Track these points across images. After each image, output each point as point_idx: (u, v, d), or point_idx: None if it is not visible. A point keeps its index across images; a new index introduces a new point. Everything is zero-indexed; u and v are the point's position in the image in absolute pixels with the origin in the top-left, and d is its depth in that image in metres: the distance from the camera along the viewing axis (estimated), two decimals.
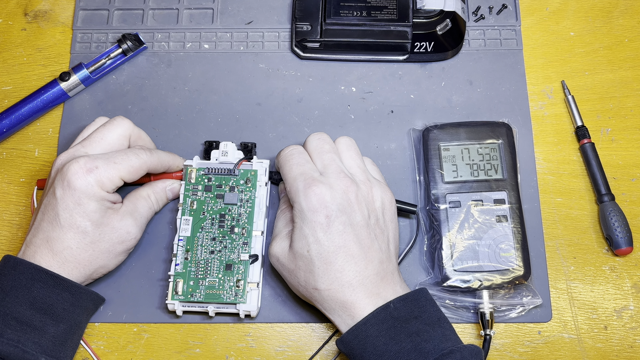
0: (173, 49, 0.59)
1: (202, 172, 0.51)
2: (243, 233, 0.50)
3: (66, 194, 0.45)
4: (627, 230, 0.51)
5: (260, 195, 0.51)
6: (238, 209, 0.50)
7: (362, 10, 0.56)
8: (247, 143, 0.54)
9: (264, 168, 0.52)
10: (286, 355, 0.50)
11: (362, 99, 0.57)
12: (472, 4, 0.60)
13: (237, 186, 0.51)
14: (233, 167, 0.51)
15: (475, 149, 0.52)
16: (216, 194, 0.51)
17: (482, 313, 0.49)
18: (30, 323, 0.43)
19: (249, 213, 0.50)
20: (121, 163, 0.47)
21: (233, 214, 0.50)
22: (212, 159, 0.52)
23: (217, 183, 0.51)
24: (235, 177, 0.51)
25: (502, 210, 0.50)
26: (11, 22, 0.61)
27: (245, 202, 0.50)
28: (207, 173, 0.51)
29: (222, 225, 0.50)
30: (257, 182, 0.51)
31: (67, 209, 0.45)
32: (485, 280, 0.49)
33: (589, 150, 0.54)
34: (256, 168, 0.51)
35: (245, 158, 0.52)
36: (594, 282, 0.52)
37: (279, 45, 0.59)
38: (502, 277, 0.49)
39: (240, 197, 0.51)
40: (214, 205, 0.50)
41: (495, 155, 0.52)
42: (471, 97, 0.57)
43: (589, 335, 0.51)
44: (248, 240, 0.49)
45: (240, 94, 0.57)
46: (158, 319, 0.51)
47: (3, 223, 0.54)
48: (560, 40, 0.59)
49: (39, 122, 0.57)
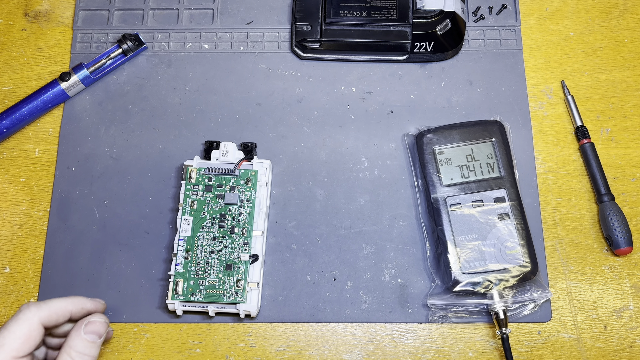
0: (173, 49, 0.59)
1: (202, 172, 0.51)
2: (243, 233, 0.50)
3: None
4: (626, 230, 0.51)
5: (261, 195, 0.51)
6: (238, 209, 0.50)
7: (362, 11, 0.56)
8: (248, 143, 0.54)
9: (264, 168, 0.52)
10: (286, 355, 0.50)
11: (362, 99, 0.57)
12: (472, 4, 0.60)
13: (237, 186, 0.51)
14: (233, 167, 0.51)
15: (470, 149, 0.52)
16: (216, 194, 0.51)
17: (495, 312, 0.49)
18: None
19: (249, 213, 0.50)
20: (5, 342, 0.40)
21: (233, 213, 0.50)
22: (212, 159, 0.52)
23: (218, 183, 0.51)
24: (235, 177, 0.51)
25: (503, 208, 0.50)
26: (11, 22, 0.61)
27: (246, 202, 0.50)
28: (208, 173, 0.51)
29: (223, 225, 0.50)
30: (258, 182, 0.51)
31: None
32: (495, 280, 0.49)
33: (589, 150, 0.54)
34: (257, 168, 0.52)
35: (245, 158, 0.52)
36: (593, 282, 0.52)
37: (279, 45, 0.59)
38: (511, 275, 0.49)
39: (240, 197, 0.51)
40: (214, 205, 0.50)
41: (490, 154, 0.52)
42: (471, 97, 0.57)
43: (589, 335, 0.51)
44: (248, 240, 0.49)
45: (240, 94, 0.57)
46: (158, 319, 0.51)
47: (3, 223, 0.54)
48: (560, 40, 0.59)
49: (39, 122, 0.57)
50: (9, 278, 0.52)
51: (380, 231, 0.53)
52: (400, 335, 0.51)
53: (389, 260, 0.52)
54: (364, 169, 0.55)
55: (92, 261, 0.52)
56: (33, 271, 0.52)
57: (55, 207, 0.54)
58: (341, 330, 0.51)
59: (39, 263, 0.53)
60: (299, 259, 0.52)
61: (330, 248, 0.52)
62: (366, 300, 0.51)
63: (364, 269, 0.52)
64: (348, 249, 0.52)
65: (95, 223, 0.53)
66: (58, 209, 0.54)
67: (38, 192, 0.55)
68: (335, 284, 0.52)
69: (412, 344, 0.50)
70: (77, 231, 0.53)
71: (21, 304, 0.51)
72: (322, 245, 0.53)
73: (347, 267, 0.52)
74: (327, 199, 0.54)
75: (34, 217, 0.54)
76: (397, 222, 0.53)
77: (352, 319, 0.51)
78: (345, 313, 0.51)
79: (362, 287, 0.51)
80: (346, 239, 0.53)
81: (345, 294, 0.51)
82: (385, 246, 0.52)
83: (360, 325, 0.51)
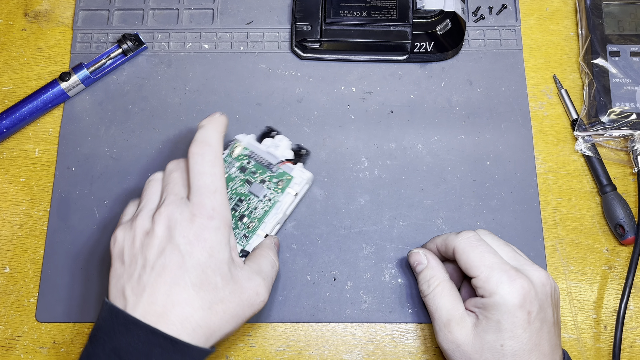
0: (173, 49, 0.59)
1: (246, 152, 0.51)
2: (249, 226, 0.49)
3: (196, 248, 0.40)
4: (631, 219, 0.51)
5: (284, 202, 0.50)
6: (257, 202, 0.50)
7: (362, 11, 0.56)
8: (303, 148, 0.53)
9: (302, 179, 0.50)
10: (286, 355, 0.50)
11: (362, 99, 0.57)
12: (472, 4, 0.60)
13: (268, 182, 0.50)
14: (274, 163, 0.51)
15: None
16: (247, 178, 0.50)
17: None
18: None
19: (264, 212, 0.50)
20: (216, 185, 0.42)
21: (250, 204, 0.50)
22: (262, 145, 0.52)
23: (253, 169, 0.51)
24: (271, 173, 0.51)
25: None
26: (11, 22, 0.61)
27: (267, 200, 0.50)
28: (250, 155, 0.51)
29: (235, 209, 0.49)
30: (288, 188, 0.50)
31: (199, 264, 0.39)
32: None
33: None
34: (295, 175, 0.51)
35: (290, 160, 0.51)
36: (593, 282, 0.52)
37: (279, 46, 0.59)
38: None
39: (265, 193, 0.50)
40: (239, 187, 0.50)
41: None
42: (471, 97, 0.57)
43: (589, 335, 0.51)
44: (249, 235, 0.49)
45: (240, 94, 0.57)
46: None
47: (3, 223, 0.54)
48: (560, 40, 0.59)
49: (39, 122, 0.57)
50: (9, 278, 0.52)
51: (380, 231, 0.53)
52: (400, 336, 0.51)
53: (389, 260, 0.52)
54: (364, 169, 0.55)
55: (92, 261, 0.52)
56: (33, 271, 0.52)
57: (55, 207, 0.54)
58: (341, 330, 0.51)
59: (39, 263, 0.53)
60: (299, 259, 0.52)
61: (330, 248, 0.52)
62: (366, 300, 0.51)
63: (364, 269, 0.52)
64: (348, 249, 0.52)
65: (95, 223, 0.53)
66: (58, 209, 0.54)
67: (38, 192, 0.55)
68: (335, 284, 0.52)
69: (413, 344, 0.50)
70: (77, 231, 0.53)
71: (21, 304, 0.51)
72: (322, 245, 0.53)
73: (347, 267, 0.52)
74: (327, 199, 0.54)
75: (34, 217, 0.54)
76: (397, 222, 0.53)
77: (352, 319, 0.51)
78: (345, 313, 0.51)
79: (362, 287, 0.51)
80: (346, 239, 0.53)
81: (345, 294, 0.51)
82: (385, 246, 0.52)
83: (360, 325, 0.51)
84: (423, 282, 0.47)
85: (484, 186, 0.54)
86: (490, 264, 0.43)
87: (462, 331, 0.43)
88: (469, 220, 0.53)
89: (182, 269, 0.39)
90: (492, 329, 0.42)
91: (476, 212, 0.53)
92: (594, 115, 0.54)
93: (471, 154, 0.55)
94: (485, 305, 0.43)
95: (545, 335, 0.42)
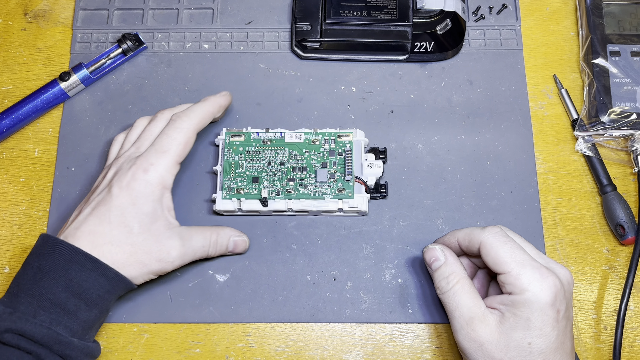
0: (173, 49, 0.59)
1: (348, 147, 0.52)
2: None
3: (123, 193, 0.45)
4: (631, 219, 0.51)
5: (327, 206, 0.51)
6: (309, 181, 0.51)
7: (362, 10, 0.56)
8: (383, 189, 0.53)
9: (356, 206, 0.51)
10: (286, 355, 0.50)
11: (362, 99, 0.57)
12: (472, 4, 0.60)
13: (333, 180, 0.51)
14: (354, 175, 0.51)
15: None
16: (326, 161, 0.52)
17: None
18: (65, 306, 0.42)
19: (307, 194, 0.51)
20: (170, 148, 0.47)
21: (305, 177, 0.51)
22: (365, 154, 0.53)
23: (337, 160, 0.52)
24: (343, 177, 0.51)
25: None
26: (11, 22, 0.61)
27: (317, 191, 0.51)
28: (348, 150, 0.52)
29: (289, 167, 0.52)
30: (339, 201, 0.51)
31: (121, 207, 0.45)
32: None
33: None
34: (355, 199, 0.51)
35: (366, 186, 0.51)
36: (594, 282, 0.52)
37: (279, 45, 0.59)
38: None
39: (322, 183, 0.51)
40: (312, 160, 0.52)
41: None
42: (471, 97, 0.57)
43: (589, 335, 0.51)
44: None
45: (240, 94, 0.57)
46: (158, 319, 0.51)
47: (3, 223, 0.54)
48: (560, 40, 0.59)
49: (39, 122, 0.57)
50: (9, 278, 0.52)
51: (380, 231, 0.53)
52: (400, 336, 0.51)
53: (389, 260, 0.52)
54: None
55: None
56: None
57: (55, 207, 0.54)
58: (341, 330, 0.51)
59: None
60: (299, 259, 0.52)
61: (330, 248, 0.52)
62: (366, 300, 0.51)
63: (364, 269, 0.52)
64: (348, 249, 0.52)
65: None
66: (58, 209, 0.54)
67: (38, 192, 0.55)
68: (335, 284, 0.52)
69: (412, 344, 0.50)
70: None
71: None
72: (322, 245, 0.53)
73: (347, 267, 0.52)
74: None
75: (34, 217, 0.54)
76: (397, 222, 0.53)
77: (352, 319, 0.51)
78: (345, 313, 0.51)
79: (362, 287, 0.51)
80: (346, 239, 0.53)
81: (345, 294, 0.51)
82: (385, 246, 0.52)
83: (360, 325, 0.51)
84: (441, 278, 0.46)
85: (484, 186, 0.54)
86: (521, 261, 0.43)
87: (485, 329, 0.43)
88: (469, 220, 0.53)
89: (107, 206, 0.45)
90: (520, 327, 0.42)
91: (476, 212, 0.53)
92: (594, 115, 0.54)
93: (471, 153, 0.55)
94: (515, 303, 0.42)
95: (569, 334, 0.43)
